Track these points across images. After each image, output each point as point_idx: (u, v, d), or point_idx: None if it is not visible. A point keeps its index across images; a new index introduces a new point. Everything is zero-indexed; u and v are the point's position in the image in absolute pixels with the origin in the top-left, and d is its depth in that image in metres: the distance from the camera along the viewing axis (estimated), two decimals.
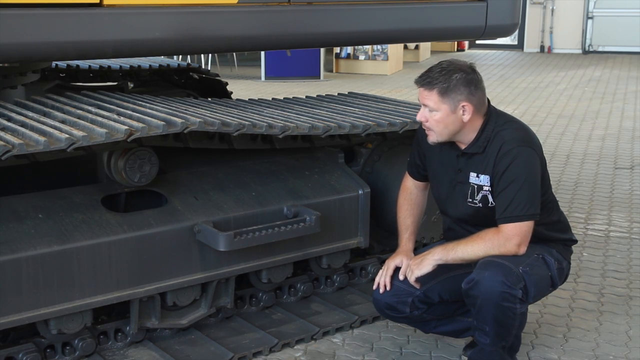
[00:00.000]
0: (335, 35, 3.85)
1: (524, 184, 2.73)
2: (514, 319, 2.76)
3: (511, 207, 2.73)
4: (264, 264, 3.33)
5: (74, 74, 5.28)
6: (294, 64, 11.57)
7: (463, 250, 2.81)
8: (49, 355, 2.98)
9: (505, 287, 2.69)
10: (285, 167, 3.60)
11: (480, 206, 2.87)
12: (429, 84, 2.79)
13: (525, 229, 2.75)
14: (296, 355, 3.23)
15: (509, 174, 2.74)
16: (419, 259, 2.90)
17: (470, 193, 2.88)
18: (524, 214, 2.73)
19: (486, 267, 2.73)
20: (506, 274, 2.70)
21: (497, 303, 2.71)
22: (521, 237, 2.75)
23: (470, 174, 2.87)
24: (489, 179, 2.82)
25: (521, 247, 2.76)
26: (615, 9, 15.43)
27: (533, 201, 2.75)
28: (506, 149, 2.77)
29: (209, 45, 3.60)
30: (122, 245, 2.96)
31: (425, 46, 15.17)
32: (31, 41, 2.87)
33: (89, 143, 2.69)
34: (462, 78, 2.76)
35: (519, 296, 2.72)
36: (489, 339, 2.82)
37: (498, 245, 2.76)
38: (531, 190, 2.75)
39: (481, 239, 2.79)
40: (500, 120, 2.86)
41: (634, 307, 3.74)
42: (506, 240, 2.75)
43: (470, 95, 2.77)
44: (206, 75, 5.79)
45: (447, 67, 2.78)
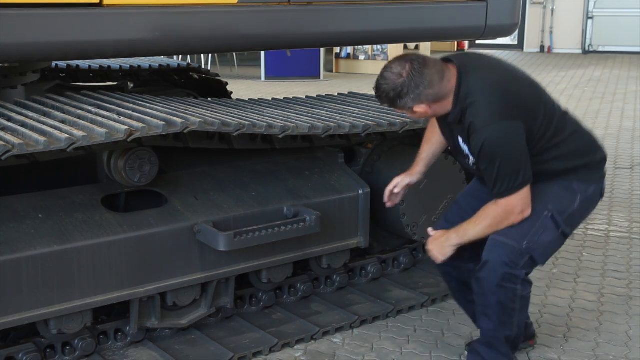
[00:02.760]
0: (335, 35, 3.85)
1: (503, 161, 2.68)
2: (515, 302, 2.81)
3: (497, 184, 2.71)
4: (264, 264, 3.33)
5: (74, 74, 5.29)
6: (294, 64, 11.57)
7: (473, 232, 2.83)
8: (49, 355, 2.98)
9: (506, 267, 2.75)
10: (285, 167, 3.60)
11: (475, 168, 2.87)
12: (380, 99, 2.80)
13: (520, 197, 2.73)
14: (296, 355, 3.23)
15: (484, 155, 2.70)
16: (439, 245, 2.92)
17: (464, 154, 2.87)
18: (512, 187, 2.70)
19: (492, 249, 2.79)
20: (509, 254, 2.75)
21: (499, 284, 2.77)
22: (520, 205, 2.74)
23: (459, 137, 2.85)
24: (468, 148, 2.80)
25: (524, 212, 2.76)
26: (615, 9, 15.43)
27: (518, 172, 2.69)
28: (474, 129, 2.69)
29: (209, 45, 3.60)
30: (122, 245, 2.96)
31: (425, 46, 15.16)
32: (31, 41, 2.87)
33: (89, 143, 2.68)
34: (399, 93, 2.70)
35: (521, 277, 2.78)
36: (492, 324, 2.88)
37: (501, 221, 2.78)
38: (513, 163, 2.69)
39: (483, 219, 2.80)
40: (472, 87, 2.71)
41: (634, 307, 3.74)
42: (507, 214, 2.76)
43: (415, 100, 2.71)
44: (206, 75, 5.79)
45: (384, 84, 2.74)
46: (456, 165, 3.86)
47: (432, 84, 2.70)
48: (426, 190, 3.75)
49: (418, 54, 2.77)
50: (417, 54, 2.77)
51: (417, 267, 4.07)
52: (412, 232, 3.76)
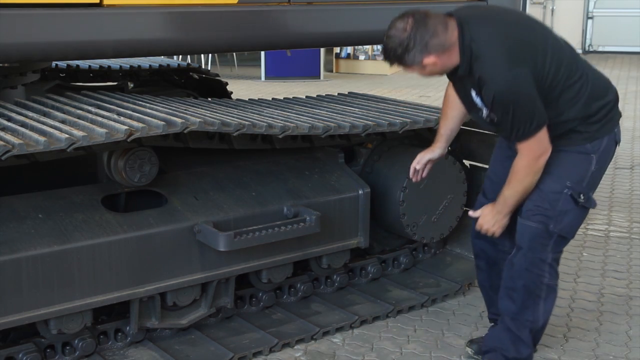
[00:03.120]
0: (335, 35, 3.85)
1: (516, 110, 2.69)
2: (541, 289, 2.91)
3: (514, 132, 2.74)
4: (264, 264, 3.33)
5: (74, 74, 5.29)
6: (294, 64, 11.57)
7: (512, 193, 2.87)
8: (49, 355, 2.98)
9: (535, 252, 2.89)
10: (285, 167, 3.60)
11: (488, 121, 2.87)
12: (387, 61, 2.80)
13: (538, 140, 2.75)
14: (296, 355, 3.23)
15: (496, 106, 2.71)
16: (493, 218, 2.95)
17: (477, 108, 2.86)
18: (529, 131, 2.73)
19: (522, 235, 2.91)
20: (537, 238, 2.87)
21: (527, 268, 2.90)
22: (540, 147, 2.77)
23: (472, 91, 2.83)
24: (482, 102, 2.79)
25: (544, 154, 2.79)
26: (615, 9, 15.43)
27: (532, 118, 2.71)
28: (485, 80, 2.70)
29: (209, 45, 3.60)
30: (122, 245, 2.96)
31: None
32: (31, 41, 2.87)
33: (89, 143, 2.68)
34: (406, 47, 2.69)
35: (547, 260, 2.89)
36: (515, 307, 2.95)
37: (530, 169, 2.81)
38: (525, 111, 2.70)
39: (515, 174, 2.83)
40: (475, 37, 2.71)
41: (634, 307, 3.74)
42: (533, 161, 2.78)
43: (423, 53, 2.70)
44: (206, 75, 5.79)
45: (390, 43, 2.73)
46: (456, 165, 3.86)
47: (436, 33, 2.69)
48: (426, 190, 3.75)
49: (418, 9, 2.75)
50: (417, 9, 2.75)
51: (417, 267, 4.07)
52: (412, 232, 3.76)
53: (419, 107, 3.99)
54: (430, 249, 4.14)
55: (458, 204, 3.90)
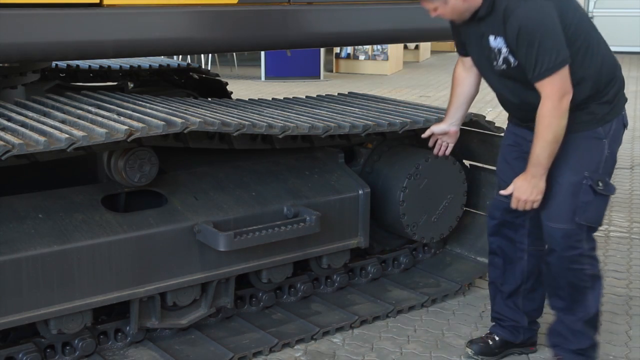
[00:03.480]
0: (335, 35, 3.85)
1: (542, 40, 2.67)
2: (586, 280, 2.90)
3: (538, 65, 2.69)
4: (264, 264, 3.33)
5: (74, 74, 5.29)
6: (294, 64, 11.57)
7: (542, 147, 2.77)
8: (49, 355, 2.98)
9: (571, 250, 2.86)
10: (285, 167, 3.60)
11: (504, 68, 2.83)
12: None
13: (561, 77, 2.71)
14: (296, 355, 3.23)
15: (522, 37, 2.68)
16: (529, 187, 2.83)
17: (493, 56, 2.84)
18: (553, 65, 2.68)
19: (551, 237, 2.89)
20: (568, 237, 2.85)
21: (568, 267, 2.89)
22: (561, 87, 2.72)
23: (489, 37, 2.82)
24: (503, 40, 2.77)
25: (567, 95, 2.73)
26: (615, 9, 15.44)
27: (558, 49, 2.68)
28: (509, 11, 2.70)
29: (209, 45, 3.60)
30: (122, 245, 2.96)
31: (425, 46, 15.18)
32: (31, 41, 2.87)
33: (89, 143, 2.68)
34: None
35: (585, 253, 2.88)
36: (564, 303, 2.96)
37: (556, 115, 2.73)
38: (551, 40, 2.68)
39: (540, 125, 2.75)
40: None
41: (634, 307, 3.74)
42: (557, 102, 2.72)
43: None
44: (206, 75, 5.79)
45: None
46: (456, 165, 3.86)
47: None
48: (426, 190, 3.75)
49: None
50: None
51: (417, 267, 4.07)
52: (412, 232, 3.76)
53: (419, 107, 3.99)
54: (430, 249, 4.14)
55: (458, 204, 3.91)
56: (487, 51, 2.86)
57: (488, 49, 2.85)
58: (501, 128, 3.86)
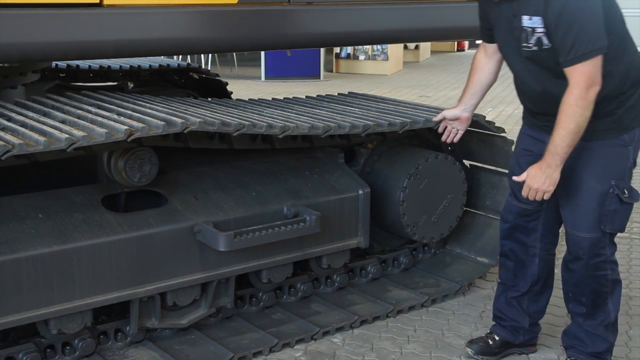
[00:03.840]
0: (335, 35, 3.85)
1: (584, 24, 2.60)
2: (607, 286, 2.90)
3: (574, 49, 2.61)
4: (264, 264, 3.33)
5: (74, 74, 5.29)
6: (294, 64, 11.58)
7: (562, 139, 2.69)
8: (49, 355, 2.99)
9: (596, 258, 2.86)
10: (285, 167, 3.60)
11: (535, 49, 2.74)
12: None
13: (594, 65, 2.63)
14: (296, 355, 3.23)
15: (564, 18, 2.60)
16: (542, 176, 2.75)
17: (524, 37, 2.75)
18: (590, 51, 2.60)
19: (577, 245, 2.87)
20: (594, 246, 2.84)
21: (592, 274, 2.89)
22: (592, 77, 2.63)
23: (522, 17, 2.73)
24: (541, 20, 2.67)
25: (593, 87, 2.64)
26: None
27: (597, 36, 2.61)
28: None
29: (209, 45, 3.60)
30: (122, 245, 2.96)
31: (425, 46, 15.19)
32: (31, 41, 2.87)
33: (89, 143, 2.68)
34: None
35: (609, 259, 2.89)
36: (585, 309, 2.95)
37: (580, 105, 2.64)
38: (593, 26, 2.60)
39: (563, 113, 2.67)
40: None
41: (634, 307, 3.74)
42: (585, 93, 2.63)
43: None
44: (206, 75, 5.79)
45: None
46: (456, 165, 3.86)
47: None
48: (426, 190, 3.75)
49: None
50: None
51: (417, 267, 4.07)
52: (412, 232, 3.76)
53: (419, 107, 3.99)
54: (430, 249, 4.14)
55: (458, 204, 3.91)
56: (518, 31, 2.76)
57: (519, 29, 2.75)
58: (501, 128, 3.86)
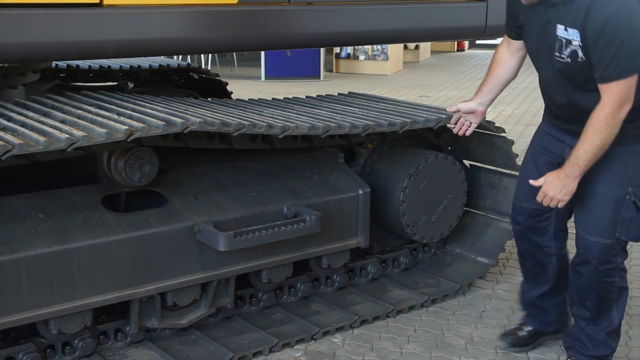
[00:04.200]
0: (335, 35, 3.85)
1: (625, 40, 2.54)
2: (613, 292, 2.88)
3: (612, 65, 2.57)
4: (264, 264, 3.33)
5: (74, 74, 5.29)
6: (294, 64, 11.58)
7: (586, 153, 2.68)
8: (49, 355, 2.99)
9: (607, 264, 2.83)
10: (285, 167, 3.61)
11: (568, 61, 2.70)
12: None
13: (629, 84, 2.60)
14: (296, 355, 3.23)
15: (604, 34, 2.55)
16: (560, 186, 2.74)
17: (558, 47, 2.71)
18: (628, 69, 2.57)
19: (588, 249, 2.83)
20: (606, 252, 2.81)
21: (600, 280, 2.85)
22: (625, 96, 2.61)
23: (557, 26, 2.68)
24: (578, 33, 2.62)
25: (626, 105, 2.63)
26: None
27: (637, 52, 2.57)
28: (598, 3, 2.56)
29: (209, 45, 3.60)
30: (122, 245, 2.96)
31: (425, 46, 15.19)
32: (31, 41, 2.87)
33: (89, 143, 2.68)
34: None
35: (619, 266, 2.86)
36: (590, 313, 2.94)
37: (611, 123, 2.63)
38: (634, 44, 2.56)
39: (592, 128, 2.65)
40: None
41: (634, 307, 3.74)
42: (617, 111, 2.61)
43: None
44: (206, 75, 5.79)
45: None
46: (456, 165, 3.86)
47: None
48: (426, 190, 3.75)
49: None
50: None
51: (417, 267, 4.07)
52: (412, 232, 3.76)
53: (419, 107, 3.99)
54: (430, 249, 4.14)
55: (458, 204, 3.91)
56: (551, 39, 2.72)
57: (553, 37, 2.71)
58: (501, 128, 3.86)
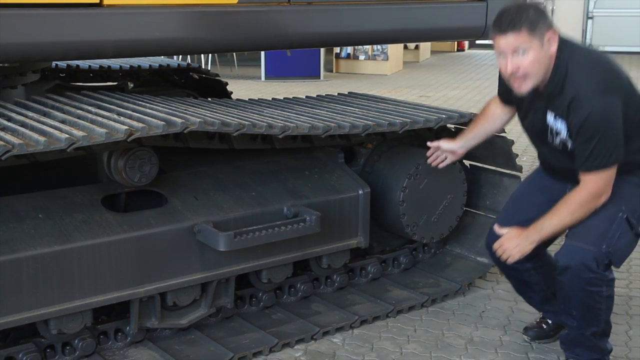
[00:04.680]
0: (335, 35, 3.85)
1: (603, 137, 2.69)
2: (600, 302, 2.84)
3: (590, 159, 2.71)
4: (264, 264, 3.33)
5: (74, 74, 5.28)
6: (294, 64, 11.57)
7: (554, 222, 2.82)
8: (49, 355, 2.99)
9: (590, 273, 2.76)
10: (285, 167, 3.60)
11: (560, 149, 2.87)
12: (514, 25, 2.68)
13: (607, 176, 2.74)
14: (296, 355, 3.23)
15: (585, 129, 2.69)
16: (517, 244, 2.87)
17: (549, 134, 2.87)
18: (605, 163, 2.71)
19: (571, 255, 2.79)
20: (591, 259, 2.76)
21: (584, 289, 2.79)
22: (604, 187, 2.76)
23: (548, 113, 2.83)
24: (565, 125, 2.78)
25: (604, 195, 2.77)
26: (615, 9, 15.44)
27: (613, 149, 2.71)
28: (579, 101, 2.69)
29: (209, 45, 3.60)
30: (122, 245, 2.96)
31: (425, 46, 15.17)
32: (31, 41, 2.87)
33: (89, 143, 2.69)
34: (538, 10, 2.71)
35: (605, 279, 2.80)
36: (577, 322, 2.92)
37: (585, 207, 2.78)
38: (611, 141, 2.70)
39: (568, 205, 2.80)
40: (575, 56, 2.76)
41: (634, 307, 3.74)
42: (593, 198, 2.76)
43: (551, 24, 2.73)
44: (206, 75, 5.79)
45: (520, 7, 2.71)
46: (456, 165, 3.86)
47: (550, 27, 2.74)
48: (426, 190, 3.75)
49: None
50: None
51: (417, 267, 4.07)
52: (412, 232, 3.76)
53: (419, 107, 3.99)
54: (430, 249, 4.14)
55: (458, 204, 3.91)
56: (542, 124, 2.87)
57: (543, 123, 2.86)
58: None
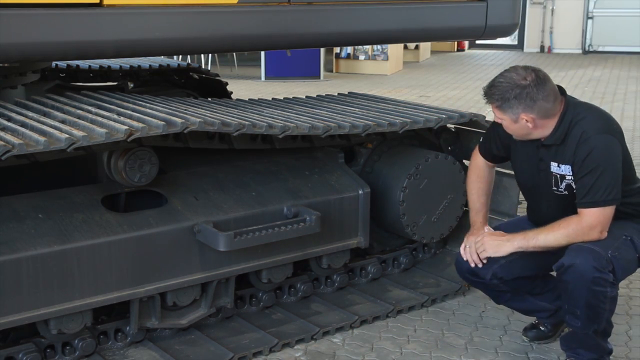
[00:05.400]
0: (335, 35, 3.85)
1: (605, 171, 2.78)
2: (605, 303, 2.84)
3: (591, 193, 2.79)
4: (264, 264, 3.33)
5: (74, 74, 5.28)
6: (294, 64, 11.57)
7: (545, 239, 2.89)
8: (49, 355, 2.99)
9: (596, 272, 2.76)
10: (285, 167, 3.61)
11: (566, 194, 2.93)
12: (489, 97, 2.88)
13: (606, 214, 2.81)
14: (296, 355, 3.23)
15: (588, 162, 2.79)
16: (497, 240, 2.98)
17: (554, 182, 2.95)
18: (604, 200, 2.78)
19: (577, 253, 2.80)
20: (597, 259, 2.77)
21: (589, 287, 2.78)
22: (602, 224, 2.81)
23: (551, 163, 2.93)
24: (570, 168, 2.88)
25: (602, 233, 2.82)
26: (615, 9, 15.44)
27: (613, 187, 2.79)
28: (585, 137, 2.81)
29: (209, 45, 3.60)
30: (122, 245, 2.96)
31: (425, 46, 15.18)
32: (31, 41, 2.87)
33: (89, 143, 2.69)
34: (517, 94, 2.80)
35: (610, 280, 2.80)
36: (580, 322, 2.91)
37: (580, 235, 2.82)
38: (612, 176, 2.79)
39: (563, 228, 2.86)
40: (579, 110, 2.89)
41: (634, 307, 3.74)
42: (588, 229, 2.81)
43: (527, 108, 2.82)
44: (206, 75, 5.79)
45: (504, 82, 2.83)
46: (456, 165, 3.86)
47: (548, 98, 2.83)
48: (426, 190, 3.75)
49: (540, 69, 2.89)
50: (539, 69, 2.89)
51: (417, 267, 4.07)
52: (412, 232, 3.76)
53: (419, 107, 3.99)
54: (430, 249, 4.14)
55: (458, 204, 3.91)
56: (546, 175, 2.95)
57: (548, 173, 2.94)
58: None
